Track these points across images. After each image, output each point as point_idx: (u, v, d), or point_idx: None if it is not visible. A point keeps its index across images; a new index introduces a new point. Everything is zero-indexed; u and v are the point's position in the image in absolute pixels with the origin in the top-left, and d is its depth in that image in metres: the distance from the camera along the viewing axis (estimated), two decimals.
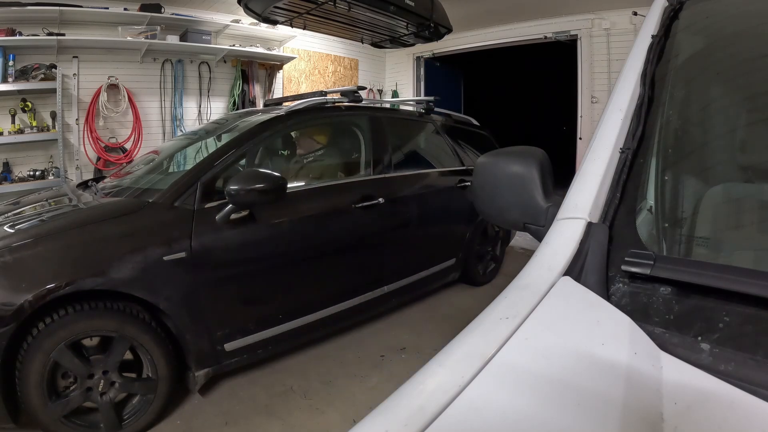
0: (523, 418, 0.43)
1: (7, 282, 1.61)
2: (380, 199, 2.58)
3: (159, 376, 1.86)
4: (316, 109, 2.59)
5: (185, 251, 1.87)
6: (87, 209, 2.04)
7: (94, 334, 1.77)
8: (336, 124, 2.87)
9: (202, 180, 1.99)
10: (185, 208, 1.94)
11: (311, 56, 5.87)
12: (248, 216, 2.03)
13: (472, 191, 0.98)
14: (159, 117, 4.57)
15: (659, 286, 0.56)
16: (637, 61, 0.87)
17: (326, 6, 3.42)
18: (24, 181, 3.68)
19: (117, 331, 1.76)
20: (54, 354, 1.67)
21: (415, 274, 2.93)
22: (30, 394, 1.66)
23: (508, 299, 0.61)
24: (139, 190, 2.20)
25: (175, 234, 1.87)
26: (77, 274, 1.69)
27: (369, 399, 2.14)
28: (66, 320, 1.67)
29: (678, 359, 0.48)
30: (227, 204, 1.95)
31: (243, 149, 2.22)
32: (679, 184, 0.76)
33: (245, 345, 2.11)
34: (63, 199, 2.38)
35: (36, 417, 1.68)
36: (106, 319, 1.76)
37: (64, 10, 3.72)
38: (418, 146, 3.36)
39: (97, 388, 1.77)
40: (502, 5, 4.93)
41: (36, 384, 1.66)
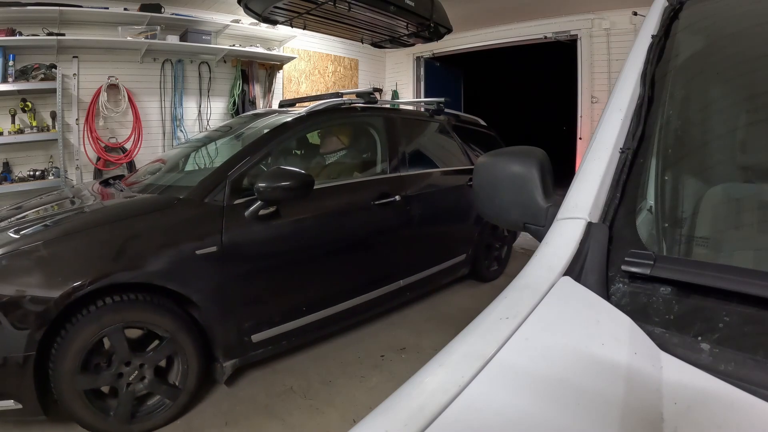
0: (523, 418, 0.43)
1: (50, 273, 1.68)
2: (396, 197, 2.69)
3: (189, 369, 1.95)
4: (335, 110, 2.69)
5: (216, 245, 1.94)
6: (120, 205, 2.12)
7: (137, 326, 1.85)
8: (353, 125, 2.95)
9: (230, 177, 2.07)
10: (215, 204, 2.01)
11: (311, 56, 5.87)
12: (275, 212, 2.11)
13: (473, 191, 0.98)
14: (159, 117, 4.57)
15: (659, 286, 0.56)
16: (637, 61, 0.87)
17: (326, 6, 3.42)
18: (24, 181, 3.68)
19: (158, 324, 1.85)
20: (108, 330, 1.75)
21: (428, 269, 3.02)
22: (65, 365, 1.71)
23: (508, 299, 0.61)
24: (162, 186, 2.30)
25: (206, 229, 1.95)
26: (114, 268, 1.76)
27: (369, 399, 2.14)
28: (105, 310, 1.74)
29: (678, 359, 0.48)
30: (256, 200, 2.03)
31: (268, 148, 2.29)
32: (679, 184, 0.76)
33: (271, 336, 2.18)
34: (87, 195, 2.45)
35: (59, 386, 1.72)
36: (148, 312, 1.84)
37: (64, 10, 3.71)
38: (430, 146, 3.44)
39: (127, 377, 1.84)
40: (502, 5, 4.93)
41: (74, 355, 1.71)
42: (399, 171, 2.84)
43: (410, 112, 3.41)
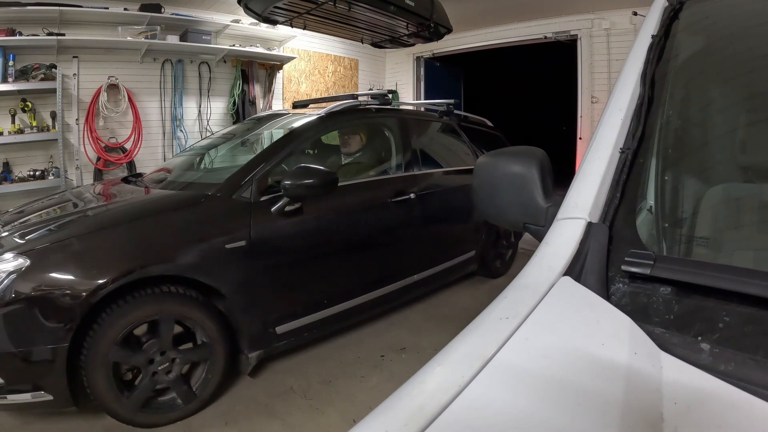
0: (523, 417, 0.43)
1: (86, 265, 1.74)
2: (411, 195, 2.80)
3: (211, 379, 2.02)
4: (351, 111, 2.80)
5: (245, 240, 2.02)
6: (153, 200, 2.20)
7: (165, 317, 1.90)
8: (369, 125, 3.05)
9: (256, 175, 2.16)
10: (242, 200, 2.10)
11: (311, 56, 5.87)
12: (299, 208, 2.20)
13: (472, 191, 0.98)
14: (159, 117, 4.57)
15: (659, 286, 0.56)
16: (637, 61, 0.87)
17: (326, 6, 3.42)
18: (24, 181, 3.68)
19: (188, 316, 1.92)
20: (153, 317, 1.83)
21: (440, 264, 3.12)
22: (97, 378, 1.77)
23: (508, 299, 0.61)
24: (187, 183, 2.42)
25: (235, 224, 2.03)
26: (148, 260, 1.83)
27: (369, 399, 2.14)
28: (139, 302, 1.81)
29: (678, 359, 0.48)
30: (282, 197, 2.12)
31: (291, 147, 2.38)
32: (679, 184, 0.76)
33: (294, 328, 2.26)
34: (113, 191, 2.58)
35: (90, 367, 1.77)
36: (171, 304, 1.90)
37: (64, 10, 3.71)
38: (441, 146, 3.56)
39: (156, 366, 1.90)
40: (502, 5, 4.93)
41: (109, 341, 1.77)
42: (413, 170, 2.94)
43: (422, 113, 3.53)
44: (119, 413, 1.86)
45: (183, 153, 3.30)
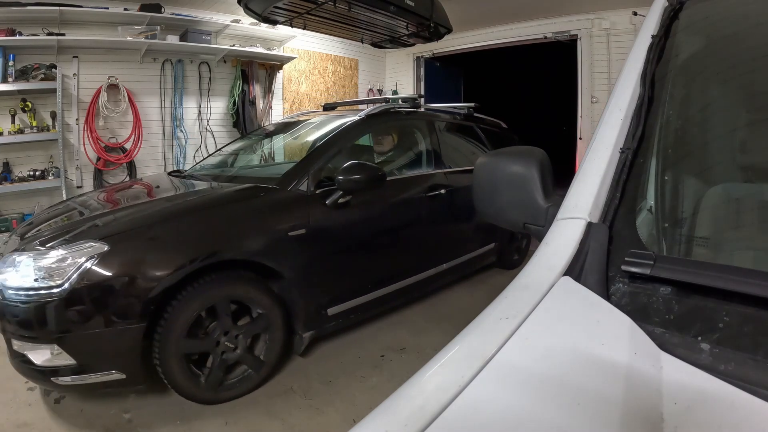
0: (523, 417, 0.43)
1: (162, 250, 1.91)
2: (442, 190, 3.04)
3: (274, 344, 2.21)
4: (387, 113, 3.06)
5: (305, 228, 2.24)
6: (219, 192, 2.37)
7: (234, 300, 2.08)
8: (403, 126, 3.32)
9: (312, 170, 2.38)
10: (300, 193, 2.31)
11: (311, 56, 5.87)
12: (348, 201, 2.42)
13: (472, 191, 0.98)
14: (159, 117, 4.56)
15: (659, 286, 0.55)
16: (637, 61, 0.87)
17: (326, 6, 3.42)
18: (24, 181, 3.68)
19: (254, 299, 2.11)
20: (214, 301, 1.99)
21: (466, 254, 3.38)
22: (172, 333, 1.91)
23: (508, 299, 0.61)
24: (244, 177, 2.67)
25: (297, 214, 2.26)
26: (221, 246, 2.02)
27: (369, 399, 2.14)
28: (207, 286, 1.97)
29: (678, 359, 0.48)
30: (336, 190, 2.34)
31: (338, 146, 2.60)
32: (679, 184, 0.76)
33: (342, 310, 2.47)
34: (169, 184, 2.81)
35: (164, 353, 1.91)
36: (247, 287, 2.09)
37: (64, 10, 3.71)
38: (465, 146, 3.77)
39: (223, 346, 2.07)
40: (502, 5, 4.93)
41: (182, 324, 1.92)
42: (443, 168, 3.20)
43: (447, 115, 3.72)
44: (195, 394, 2.03)
45: (222, 151, 3.53)
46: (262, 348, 2.19)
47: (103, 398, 2.14)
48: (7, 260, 1.91)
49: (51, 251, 1.84)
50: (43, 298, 1.77)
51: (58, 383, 1.85)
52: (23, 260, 1.86)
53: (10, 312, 1.83)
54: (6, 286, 1.85)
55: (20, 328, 1.83)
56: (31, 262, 1.84)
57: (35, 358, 1.85)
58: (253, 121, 5.09)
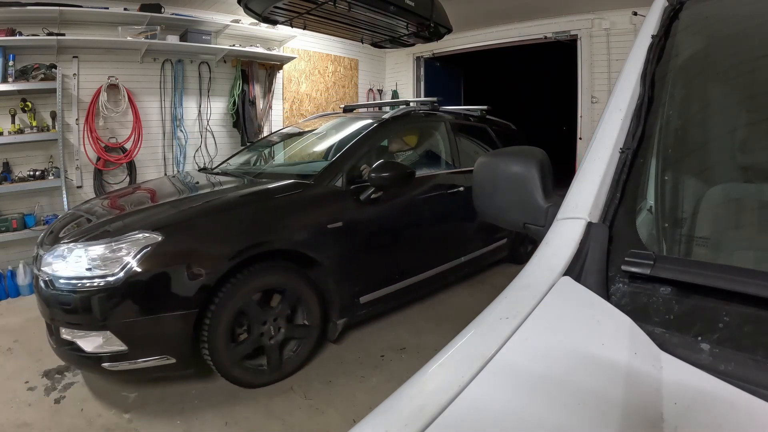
0: (523, 417, 0.43)
1: (213, 240, 2.04)
2: (461, 188, 3.20)
3: (312, 324, 2.35)
4: (409, 115, 3.27)
5: (342, 221, 2.41)
6: (263, 187, 2.47)
7: (278, 288, 2.24)
8: (424, 127, 3.51)
9: (346, 168, 2.55)
10: (336, 189, 2.48)
11: (311, 56, 5.87)
12: (380, 196, 2.58)
13: (472, 191, 0.98)
14: (159, 117, 4.56)
15: (659, 286, 0.55)
16: (637, 61, 0.87)
17: (326, 6, 3.42)
18: (24, 181, 3.67)
19: (294, 287, 2.27)
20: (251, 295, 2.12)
21: (481, 249, 3.55)
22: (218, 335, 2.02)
23: (508, 299, 0.61)
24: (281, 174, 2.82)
25: (335, 208, 2.43)
26: (270, 236, 2.18)
27: (369, 399, 2.13)
28: (253, 274, 2.11)
29: (678, 359, 0.48)
30: (368, 186, 2.53)
31: (368, 146, 2.78)
32: (679, 184, 0.75)
33: (373, 299, 2.65)
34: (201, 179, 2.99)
35: (214, 340, 2.02)
36: (284, 276, 2.24)
37: (64, 10, 3.71)
38: (479, 146, 3.88)
39: (268, 334, 2.22)
40: (502, 5, 4.93)
41: (229, 312, 2.04)
42: (461, 166, 3.36)
43: (462, 117, 3.87)
44: (239, 378, 2.13)
45: (253, 149, 3.73)
46: (303, 316, 2.33)
47: (104, 398, 2.14)
48: (55, 252, 1.98)
49: (104, 241, 1.93)
50: (98, 286, 1.86)
51: (109, 369, 1.92)
52: (75, 251, 1.94)
53: (62, 301, 1.91)
54: (57, 276, 1.93)
55: (72, 316, 1.90)
56: (83, 253, 1.92)
57: (85, 345, 1.92)
58: (253, 121, 5.08)
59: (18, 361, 2.51)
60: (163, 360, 1.95)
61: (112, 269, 1.87)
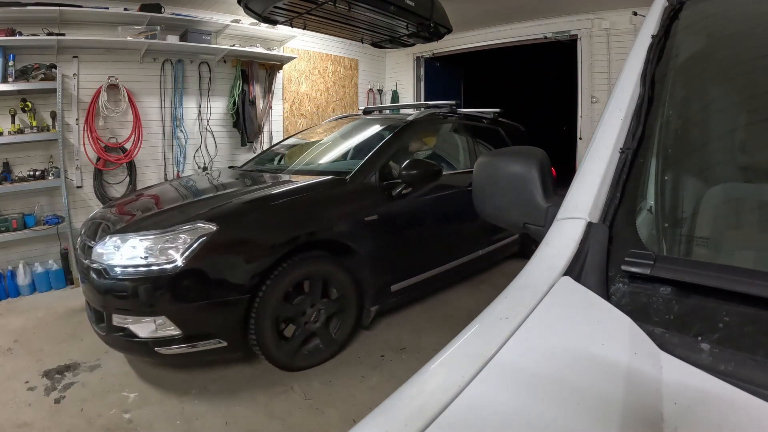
0: (523, 417, 0.43)
1: (265, 230, 2.20)
2: None
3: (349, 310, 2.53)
4: (432, 117, 3.47)
5: (377, 215, 2.62)
6: (301, 182, 2.65)
7: (316, 276, 2.39)
8: (444, 128, 3.71)
9: (379, 165, 2.76)
10: (372, 185, 2.68)
11: (311, 56, 5.87)
12: (409, 192, 2.79)
13: (472, 191, 0.98)
14: (159, 117, 4.56)
15: (659, 286, 0.55)
16: (637, 61, 0.87)
17: (326, 6, 3.42)
18: (24, 181, 3.67)
19: (335, 276, 2.44)
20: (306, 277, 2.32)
21: (496, 243, 3.75)
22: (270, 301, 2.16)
23: (508, 299, 0.61)
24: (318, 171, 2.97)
25: (371, 202, 2.64)
26: (316, 227, 2.37)
27: (369, 399, 2.13)
28: (299, 264, 2.27)
29: (678, 359, 0.48)
30: (400, 183, 2.72)
31: (396, 146, 2.98)
32: (679, 184, 0.75)
33: (403, 287, 2.84)
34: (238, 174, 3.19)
35: (260, 320, 2.15)
36: (324, 264, 2.40)
37: (64, 10, 3.71)
38: (494, 146, 4.01)
39: (308, 317, 2.38)
40: (502, 5, 4.92)
41: (278, 294, 2.20)
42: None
43: (477, 119, 4.05)
44: (280, 359, 2.29)
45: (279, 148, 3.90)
46: (336, 327, 2.51)
47: (104, 398, 2.14)
48: (110, 242, 2.10)
49: (162, 231, 2.05)
50: (156, 274, 1.97)
51: (163, 353, 2.03)
52: (130, 240, 2.06)
53: (117, 288, 2.01)
54: (112, 264, 2.04)
55: (128, 303, 2.00)
56: (139, 242, 2.04)
57: (138, 331, 2.02)
58: (253, 121, 5.08)
59: (18, 361, 2.51)
60: (216, 344, 2.07)
61: (170, 257, 1.98)
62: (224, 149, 5.04)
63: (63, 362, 2.47)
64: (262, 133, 5.26)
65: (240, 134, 5.07)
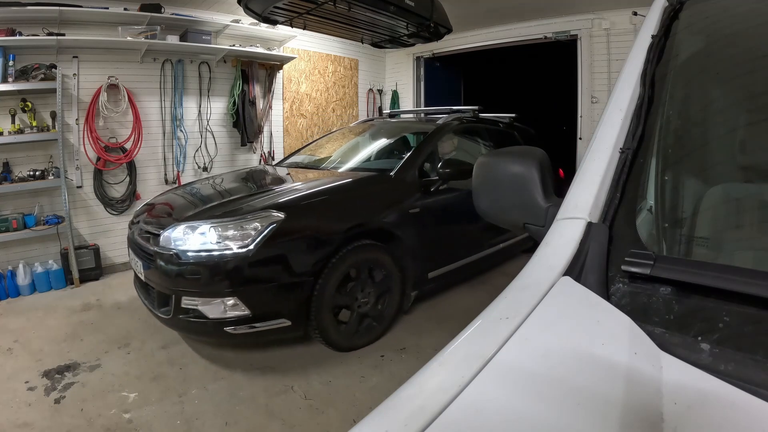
0: (523, 418, 0.43)
1: (327, 218, 2.43)
2: None
3: (394, 293, 2.76)
4: (459, 121, 3.71)
5: (419, 207, 2.88)
6: (352, 177, 2.91)
7: (367, 263, 2.59)
8: (468, 131, 3.94)
9: (418, 163, 3.03)
10: (413, 181, 2.94)
11: (311, 56, 5.87)
12: (445, 188, 3.05)
13: (473, 191, 0.98)
14: (159, 117, 4.56)
15: (659, 286, 0.55)
16: (637, 61, 0.87)
17: (326, 6, 3.41)
18: (24, 181, 3.67)
19: (383, 262, 2.67)
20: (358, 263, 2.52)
21: (512, 239, 3.91)
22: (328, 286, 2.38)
23: (508, 299, 0.61)
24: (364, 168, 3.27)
25: (413, 196, 2.89)
26: (370, 217, 2.64)
27: (369, 399, 2.13)
28: (355, 251, 2.48)
29: (678, 359, 0.48)
30: (437, 179, 3.01)
31: (432, 146, 3.26)
32: (679, 184, 0.75)
33: (438, 274, 3.10)
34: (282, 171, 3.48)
35: (319, 303, 2.35)
36: (375, 252, 2.62)
37: (64, 10, 3.71)
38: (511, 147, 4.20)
39: (360, 300, 2.60)
40: (502, 5, 4.92)
41: (336, 279, 2.41)
42: None
43: (495, 123, 4.28)
44: (339, 341, 2.49)
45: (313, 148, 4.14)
46: (384, 305, 2.71)
47: (104, 398, 2.14)
48: (179, 228, 2.27)
49: (235, 219, 2.23)
50: (229, 258, 2.14)
51: (231, 332, 2.20)
52: (200, 227, 2.23)
53: (189, 271, 2.17)
54: (184, 249, 2.20)
55: (200, 285, 2.16)
56: (208, 229, 2.21)
57: (208, 312, 2.18)
58: (253, 121, 5.08)
59: (18, 361, 2.51)
60: (281, 323, 2.25)
61: (243, 242, 2.16)
62: (224, 149, 5.03)
63: (63, 362, 2.47)
64: (262, 133, 5.26)
65: (240, 134, 5.07)
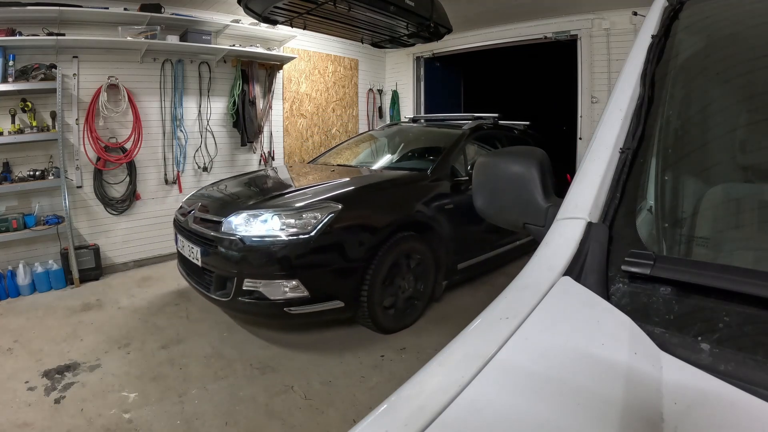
0: (523, 418, 0.43)
1: (378, 210, 2.71)
2: None
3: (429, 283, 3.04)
4: (481, 127, 3.97)
5: (453, 204, 3.15)
6: (396, 174, 3.21)
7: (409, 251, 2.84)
8: (488, 136, 4.18)
9: (449, 164, 3.32)
10: (446, 180, 3.21)
11: (311, 56, 5.87)
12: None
13: (473, 191, 0.98)
14: (159, 117, 4.56)
15: (659, 286, 0.55)
16: (637, 61, 0.87)
17: (326, 6, 3.41)
18: (24, 181, 3.67)
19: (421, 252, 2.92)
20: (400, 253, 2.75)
21: (527, 237, 3.98)
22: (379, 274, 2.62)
23: (508, 299, 0.61)
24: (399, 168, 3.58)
25: (447, 193, 3.16)
26: (412, 210, 2.89)
27: (369, 399, 2.14)
28: (401, 241, 2.74)
29: (678, 359, 0.48)
30: (468, 179, 3.25)
31: (460, 148, 3.53)
32: (679, 184, 0.75)
33: (466, 266, 3.36)
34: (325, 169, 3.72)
35: (372, 289, 2.60)
36: (417, 242, 2.86)
37: (63, 10, 3.71)
38: None
39: (404, 286, 2.86)
40: (502, 5, 4.92)
41: (386, 267, 2.67)
42: None
43: (511, 129, 4.55)
44: (386, 324, 2.75)
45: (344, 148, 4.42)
46: (423, 285, 2.98)
47: (104, 398, 2.14)
48: (242, 215, 2.49)
49: (298, 207, 2.47)
50: (293, 243, 2.36)
51: (291, 312, 2.41)
52: (263, 215, 2.46)
53: (253, 256, 2.38)
54: (248, 235, 2.40)
55: (263, 269, 2.37)
56: (269, 217, 2.44)
57: (269, 293, 2.39)
58: (253, 121, 5.08)
59: (18, 361, 2.51)
60: (335, 304, 2.47)
61: (305, 229, 2.38)
62: (224, 149, 5.04)
63: (63, 362, 2.47)
64: (262, 133, 5.26)
65: (240, 134, 5.07)
